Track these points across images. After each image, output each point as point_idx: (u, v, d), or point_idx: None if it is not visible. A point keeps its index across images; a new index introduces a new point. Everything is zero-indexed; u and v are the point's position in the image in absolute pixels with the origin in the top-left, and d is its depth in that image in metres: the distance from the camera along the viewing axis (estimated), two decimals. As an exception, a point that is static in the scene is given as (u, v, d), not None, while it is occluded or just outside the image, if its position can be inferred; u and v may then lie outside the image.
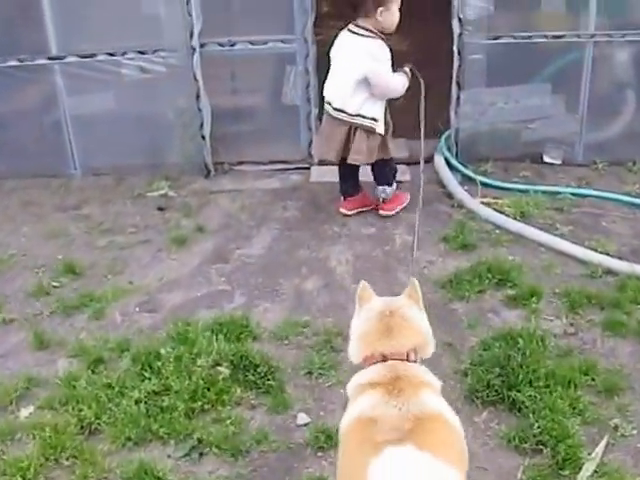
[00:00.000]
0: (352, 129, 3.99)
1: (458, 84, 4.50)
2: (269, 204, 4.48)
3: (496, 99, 4.53)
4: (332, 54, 4.03)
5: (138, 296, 3.76)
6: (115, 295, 3.75)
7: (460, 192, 4.35)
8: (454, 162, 4.62)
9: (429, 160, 4.81)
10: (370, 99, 3.94)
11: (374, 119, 3.96)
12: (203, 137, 4.66)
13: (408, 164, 4.73)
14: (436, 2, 4.51)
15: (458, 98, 4.53)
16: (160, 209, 4.51)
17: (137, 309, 3.67)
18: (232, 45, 4.52)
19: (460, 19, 4.34)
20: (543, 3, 4.31)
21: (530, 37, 4.39)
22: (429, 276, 3.77)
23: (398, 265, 3.86)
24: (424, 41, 6.48)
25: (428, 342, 2.20)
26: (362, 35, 3.91)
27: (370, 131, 3.97)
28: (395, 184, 4.31)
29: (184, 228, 4.29)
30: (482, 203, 4.31)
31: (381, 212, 4.28)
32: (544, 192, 4.40)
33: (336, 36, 4.06)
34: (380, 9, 3.87)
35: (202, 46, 4.48)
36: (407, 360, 2.08)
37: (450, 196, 4.42)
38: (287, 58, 4.56)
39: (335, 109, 3.99)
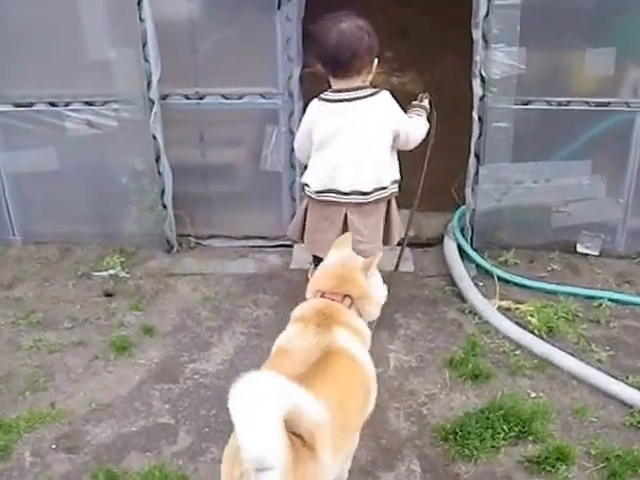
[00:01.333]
0: (347, 215, 3.09)
1: (477, 157, 3.66)
2: (238, 297, 3.65)
3: (523, 177, 3.68)
4: (323, 134, 3.04)
5: (58, 427, 2.95)
6: (30, 423, 2.95)
7: (474, 295, 3.50)
8: (468, 250, 3.78)
9: (437, 241, 4.00)
10: (392, 161, 3.15)
11: (396, 181, 3.18)
12: (164, 206, 3.85)
13: (411, 246, 3.92)
14: (459, 31, 3.67)
15: (477, 173, 3.69)
16: (107, 295, 3.70)
17: (53, 446, 2.86)
18: (200, 98, 3.70)
19: (483, 78, 3.50)
20: (586, 63, 3.46)
21: (568, 103, 3.54)
22: (429, 419, 2.94)
23: (390, 400, 3.02)
24: (443, 80, 5.68)
25: (367, 298, 2.38)
26: (363, 97, 3.00)
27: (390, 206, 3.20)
28: None
29: (130, 327, 3.47)
30: (500, 309, 3.48)
31: None
32: (576, 295, 3.57)
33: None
34: (376, 59, 3.04)
35: (163, 98, 3.66)
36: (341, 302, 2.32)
37: (461, 295, 3.59)
38: (267, 116, 3.73)
39: (341, 193, 3.08)
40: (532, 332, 3.31)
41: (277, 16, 3.51)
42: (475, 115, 3.58)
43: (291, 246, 3.97)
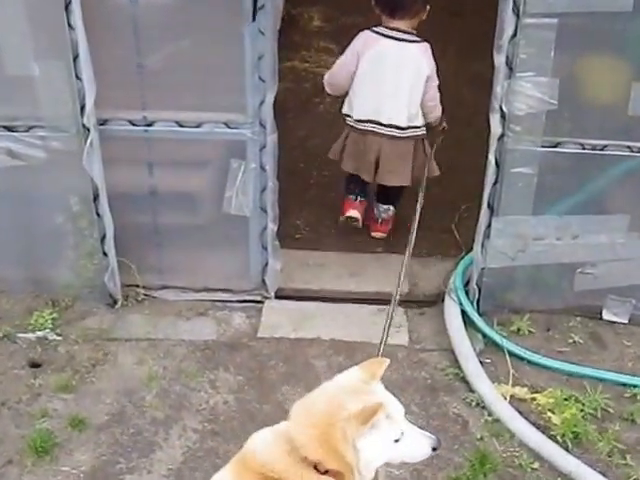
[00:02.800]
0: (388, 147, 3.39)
1: (491, 207, 2.99)
2: (192, 375, 2.94)
3: (546, 232, 3.01)
4: (368, 65, 3.31)
5: None
6: None
7: (482, 383, 2.85)
8: (474, 317, 3.13)
9: (437, 298, 3.35)
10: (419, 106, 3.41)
11: (424, 126, 3.47)
12: (105, 253, 3.14)
13: (405, 304, 3.26)
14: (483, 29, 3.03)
15: (489, 226, 3.02)
16: (33, 365, 3.01)
17: None
18: (149, 125, 2.95)
19: (504, 114, 2.80)
20: (631, 100, 2.77)
21: (605, 147, 2.86)
22: None
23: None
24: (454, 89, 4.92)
25: (352, 471, 1.70)
26: (410, 41, 3.31)
27: (419, 145, 3.45)
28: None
29: (56, 417, 2.77)
30: (513, 399, 2.85)
31: (374, 234, 3.71)
32: (603, 380, 2.96)
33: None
34: (428, 6, 3.34)
35: (102, 124, 2.92)
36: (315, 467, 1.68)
37: (465, 380, 2.95)
38: (233, 149, 2.99)
39: (381, 124, 3.36)
40: (554, 438, 2.70)
41: (247, 27, 2.77)
42: (492, 158, 2.89)
43: (261, 302, 3.30)
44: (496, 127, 2.85)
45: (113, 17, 2.83)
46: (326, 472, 1.69)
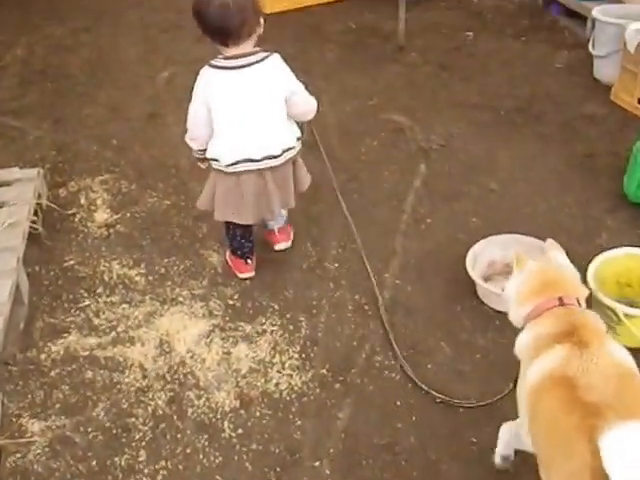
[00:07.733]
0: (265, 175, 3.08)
1: None
2: None
3: None
4: (221, 108, 2.98)
5: None
6: None
7: None
8: None
9: None
10: (289, 121, 3.11)
11: (299, 138, 3.15)
12: None
13: None
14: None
15: None
16: None
17: None
18: None
19: None
20: None
21: None
22: None
23: None
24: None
25: (584, 292, 2.07)
26: (257, 62, 2.97)
27: (296, 160, 3.18)
28: None
29: None
30: None
31: (278, 246, 3.31)
32: None
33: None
34: (263, 17, 3.01)
35: None
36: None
37: None
38: None
39: (253, 161, 3.03)
40: None
41: None
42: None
43: None
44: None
45: None
46: None
